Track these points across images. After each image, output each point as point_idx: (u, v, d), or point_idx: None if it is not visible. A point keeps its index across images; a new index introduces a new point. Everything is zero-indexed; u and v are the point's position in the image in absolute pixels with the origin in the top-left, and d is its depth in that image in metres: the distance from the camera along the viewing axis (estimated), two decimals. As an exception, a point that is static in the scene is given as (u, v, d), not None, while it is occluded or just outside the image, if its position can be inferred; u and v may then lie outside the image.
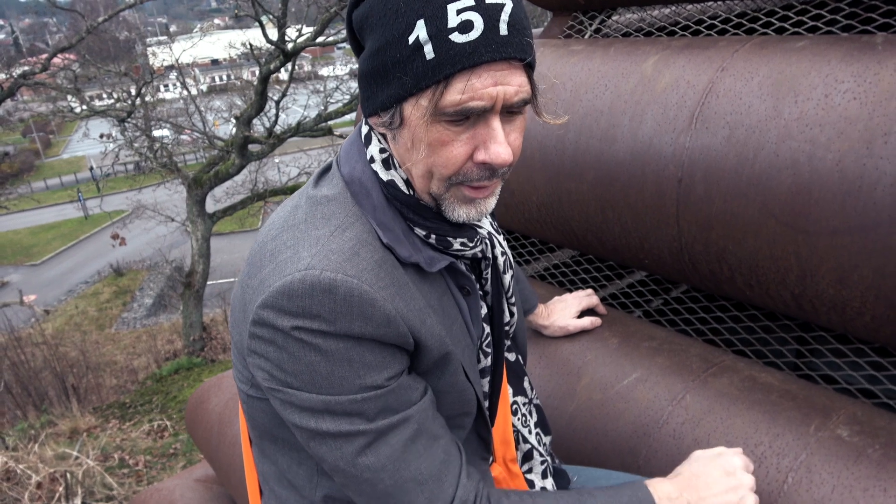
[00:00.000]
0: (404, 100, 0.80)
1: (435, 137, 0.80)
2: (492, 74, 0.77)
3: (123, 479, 5.69)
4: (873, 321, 1.14)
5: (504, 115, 0.82)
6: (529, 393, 1.16)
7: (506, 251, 1.04)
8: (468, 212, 0.87)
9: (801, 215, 1.12)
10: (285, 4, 11.28)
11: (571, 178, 1.51)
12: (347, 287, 0.79)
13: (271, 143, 12.47)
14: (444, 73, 0.76)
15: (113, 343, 16.43)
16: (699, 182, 1.26)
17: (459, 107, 0.77)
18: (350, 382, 0.81)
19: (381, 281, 0.82)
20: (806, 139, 1.12)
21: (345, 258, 0.81)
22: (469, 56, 0.75)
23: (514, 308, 1.08)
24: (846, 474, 1.04)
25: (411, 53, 0.76)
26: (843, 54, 1.16)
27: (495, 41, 0.76)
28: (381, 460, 0.84)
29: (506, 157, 0.80)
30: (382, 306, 0.81)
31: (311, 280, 0.79)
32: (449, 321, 0.92)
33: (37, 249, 27.92)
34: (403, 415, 0.85)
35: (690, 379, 1.30)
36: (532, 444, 1.13)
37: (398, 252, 0.86)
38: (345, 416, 0.83)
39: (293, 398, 0.83)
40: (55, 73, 13.97)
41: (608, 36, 1.92)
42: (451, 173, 0.83)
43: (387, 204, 0.88)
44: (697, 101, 1.29)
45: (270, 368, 0.83)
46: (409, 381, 0.87)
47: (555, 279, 1.97)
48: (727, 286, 1.35)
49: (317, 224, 0.86)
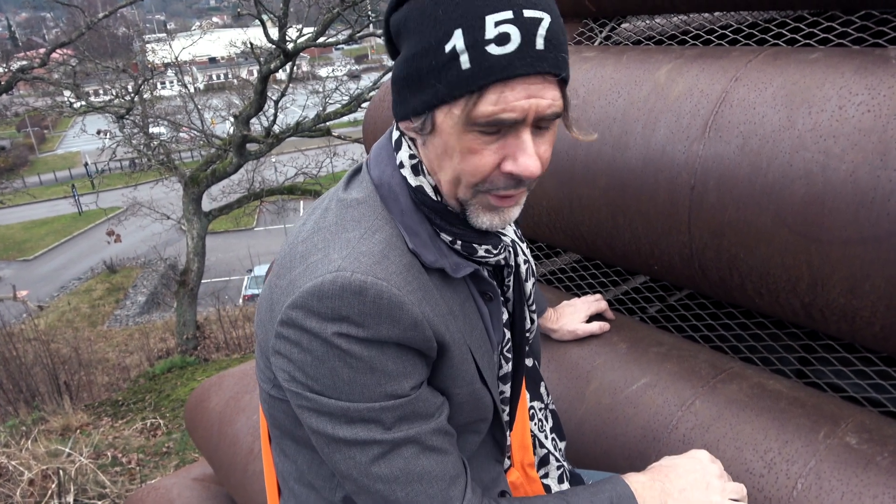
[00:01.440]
0: (437, 107, 0.81)
1: (465, 146, 0.81)
2: (525, 88, 0.77)
3: (116, 477, 5.67)
4: (883, 331, 1.15)
5: (534, 128, 0.82)
6: (545, 398, 1.17)
7: (528, 259, 1.05)
8: (492, 219, 0.88)
9: (814, 225, 1.14)
10: (287, 4, 11.28)
11: (583, 183, 1.53)
12: (377, 290, 0.80)
13: (269, 143, 12.46)
14: (478, 83, 0.76)
15: (105, 340, 16.35)
16: (712, 190, 1.27)
17: (492, 118, 0.78)
18: (371, 390, 0.82)
19: (409, 285, 0.83)
20: (820, 150, 1.13)
21: (375, 261, 0.82)
22: (504, 69, 0.76)
23: (534, 315, 1.09)
24: (855, 481, 1.05)
25: (447, 62, 0.77)
26: (856, 67, 1.17)
27: (531, 55, 0.76)
28: (394, 472, 0.84)
29: (534, 169, 0.81)
30: (410, 310, 0.82)
31: (341, 282, 0.80)
32: (469, 327, 0.93)
33: (30, 245, 27.78)
34: (419, 429, 0.85)
35: (699, 385, 1.31)
36: (548, 448, 1.14)
37: (424, 257, 0.87)
38: (362, 424, 0.83)
39: (312, 402, 0.84)
40: (53, 69, 13.92)
41: (618, 43, 1.93)
42: (478, 181, 0.84)
43: (414, 209, 0.89)
44: (711, 109, 1.30)
45: (292, 370, 0.84)
46: (427, 394, 0.88)
47: (560, 283, 1.98)
48: (737, 293, 1.36)
49: (347, 227, 0.86)
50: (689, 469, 1.00)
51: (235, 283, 22.25)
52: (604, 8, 1.83)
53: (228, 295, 18.94)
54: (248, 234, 26.58)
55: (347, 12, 11.83)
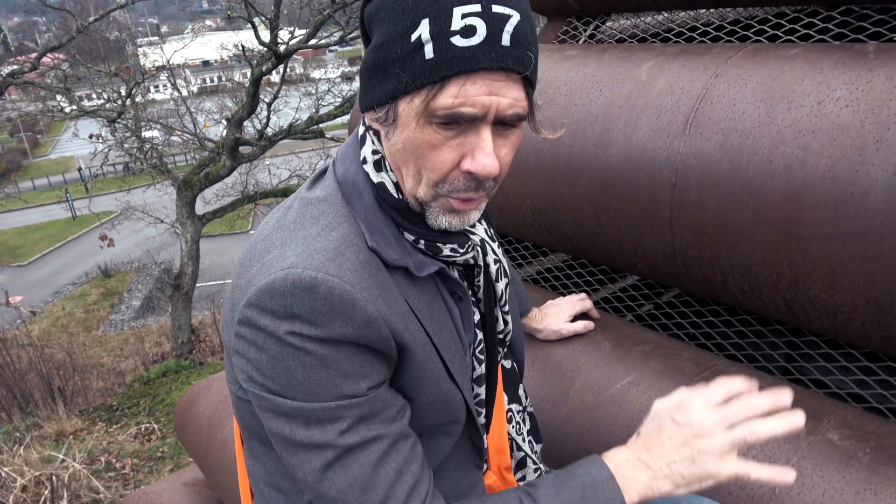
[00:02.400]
0: (400, 97, 0.80)
1: (425, 139, 0.80)
2: (488, 83, 0.77)
3: (110, 482, 5.64)
4: (864, 326, 1.15)
5: (497, 128, 0.81)
6: (524, 401, 1.16)
7: (499, 259, 1.03)
8: (451, 220, 0.87)
9: (793, 221, 1.13)
10: (278, 6, 11.27)
11: (566, 182, 1.52)
12: (328, 286, 0.79)
13: (262, 146, 12.44)
14: (441, 73, 0.76)
15: (100, 345, 16.30)
16: (693, 187, 1.27)
17: (450, 111, 0.77)
18: (326, 390, 0.80)
19: (364, 282, 0.81)
20: (799, 145, 1.13)
21: (328, 258, 0.81)
22: (467, 61, 0.75)
23: (507, 316, 1.06)
24: (837, 478, 1.05)
25: (412, 51, 0.76)
26: (835, 62, 1.17)
27: (496, 50, 0.75)
28: (349, 479, 0.82)
29: (491, 168, 0.80)
30: (363, 307, 0.80)
31: (292, 279, 0.78)
32: (438, 326, 0.91)
33: (23, 250, 27.68)
34: (377, 431, 0.83)
35: (683, 382, 1.30)
36: (525, 451, 1.13)
37: (386, 255, 0.86)
38: (317, 425, 0.81)
39: (269, 403, 0.82)
40: (45, 73, 13.87)
41: (602, 41, 1.93)
42: (438, 179, 0.82)
43: (378, 207, 0.88)
44: (692, 106, 1.30)
45: (250, 370, 0.83)
46: (387, 396, 0.85)
47: (547, 283, 1.97)
48: (720, 290, 1.36)
49: (305, 224, 0.85)
50: (675, 435, 0.87)
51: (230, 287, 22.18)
52: (587, 6, 1.83)
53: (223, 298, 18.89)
54: (242, 238, 26.51)
55: (338, 14, 11.83)
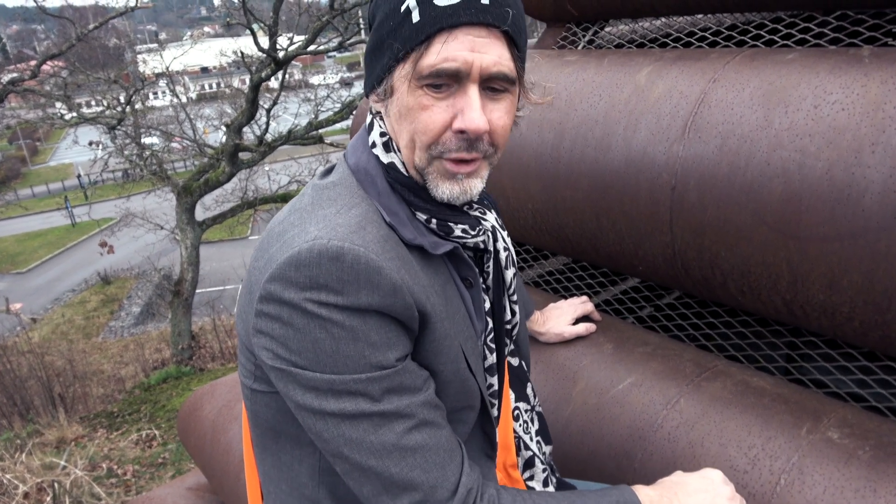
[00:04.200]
0: (394, 68, 0.84)
1: (416, 102, 0.84)
2: (470, 40, 0.81)
3: (112, 488, 5.64)
4: (862, 326, 1.16)
5: (487, 92, 0.85)
6: (532, 400, 1.17)
7: (508, 247, 1.06)
8: (451, 188, 0.88)
9: (791, 222, 1.15)
10: (277, 13, 11.30)
11: (567, 185, 1.54)
12: (355, 254, 0.80)
13: (262, 152, 12.46)
14: (425, 33, 0.80)
15: (100, 352, 16.27)
16: (692, 190, 1.28)
17: (434, 68, 0.81)
18: (355, 361, 0.81)
19: (387, 252, 0.83)
20: (796, 148, 1.15)
21: (352, 230, 0.83)
22: (448, 17, 0.80)
23: (515, 307, 1.08)
24: (837, 476, 1.06)
25: (402, 20, 0.82)
26: (831, 66, 1.19)
27: (475, 6, 0.80)
28: (386, 446, 0.83)
29: (479, 124, 0.83)
30: (389, 275, 0.81)
31: (318, 248, 0.80)
32: (452, 309, 0.92)
33: (23, 257, 27.66)
34: (409, 401, 0.84)
35: (684, 383, 1.32)
36: (533, 451, 1.13)
37: (402, 233, 0.87)
38: (349, 396, 0.81)
39: (298, 377, 0.82)
40: (44, 80, 13.90)
41: (601, 47, 1.95)
42: (430, 140, 0.85)
43: (391, 190, 0.91)
44: (690, 110, 1.32)
45: (275, 347, 0.83)
46: (413, 367, 0.87)
47: (549, 286, 1.99)
48: (720, 292, 1.37)
49: (323, 205, 0.87)
50: (700, 488, 0.97)
51: (230, 293, 22.18)
52: (585, 12, 1.85)
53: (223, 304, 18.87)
54: (242, 243, 26.52)
55: (337, 20, 11.87)
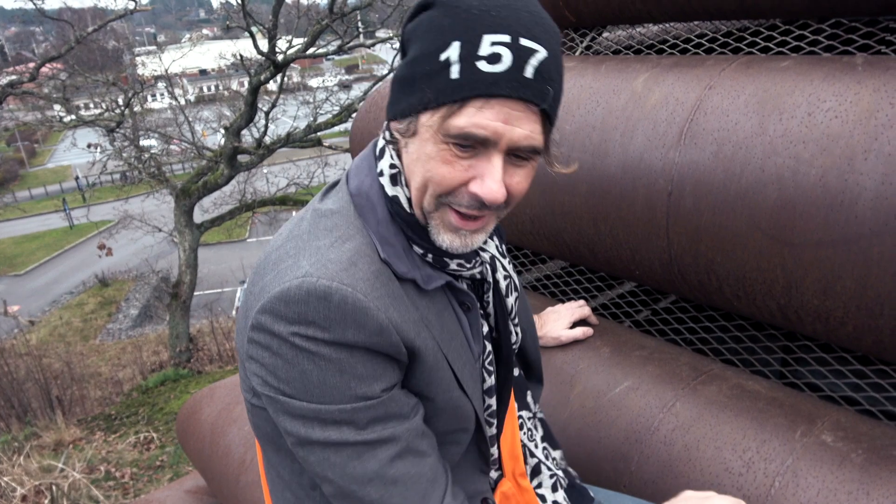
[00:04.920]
0: (422, 111, 0.83)
1: (437, 154, 0.83)
2: (505, 112, 0.79)
3: (109, 491, 5.64)
4: (856, 331, 1.18)
5: (511, 158, 0.84)
6: (532, 407, 1.18)
7: (510, 275, 1.06)
8: (452, 240, 0.89)
9: (786, 228, 1.17)
10: (276, 16, 11.32)
11: (564, 191, 1.55)
12: (342, 295, 0.82)
13: (260, 154, 12.47)
14: (462, 94, 0.79)
15: (98, 354, 16.26)
16: (688, 195, 1.30)
17: (463, 131, 0.80)
18: (341, 392, 0.83)
19: (375, 291, 0.84)
20: (790, 155, 1.16)
21: (342, 268, 0.84)
22: (489, 85, 0.78)
23: (517, 329, 1.10)
24: (831, 478, 1.07)
25: (440, 70, 0.80)
26: (825, 74, 1.20)
27: (517, 80, 0.78)
28: (368, 473, 0.85)
29: (497, 195, 0.83)
30: (375, 315, 0.83)
31: (307, 287, 0.82)
32: (448, 336, 0.94)
33: (21, 259, 27.63)
34: (393, 430, 0.86)
35: (680, 387, 1.33)
36: (539, 458, 1.14)
37: (396, 267, 0.88)
38: (334, 426, 0.84)
39: (285, 406, 0.85)
40: (43, 83, 13.90)
41: (599, 53, 1.97)
42: (442, 191, 0.85)
43: (390, 219, 0.91)
44: (686, 117, 1.33)
45: (265, 374, 0.86)
46: (400, 396, 0.89)
47: (546, 290, 2.00)
48: (715, 296, 1.39)
49: (319, 235, 0.88)
50: None
51: (228, 295, 22.18)
52: (583, 18, 1.87)
53: (221, 307, 18.87)
54: (240, 246, 26.53)
55: (336, 23, 11.89)
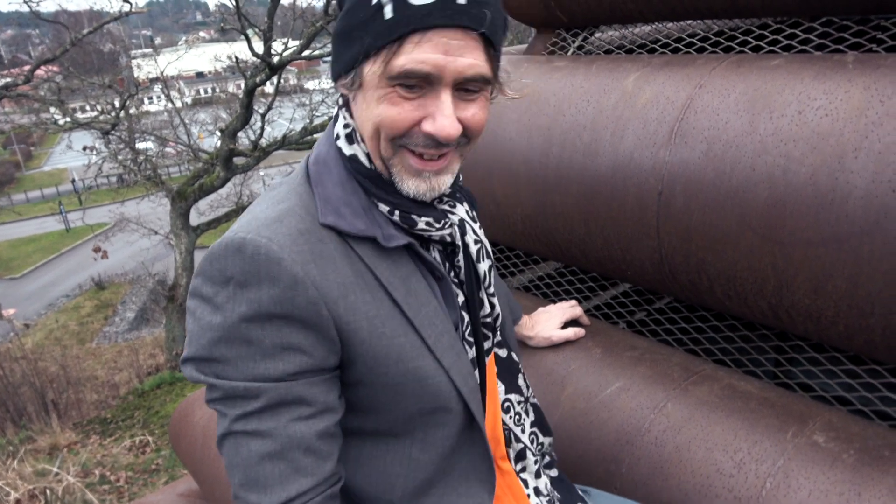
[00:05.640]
0: (364, 61, 0.82)
1: (385, 98, 0.82)
2: (444, 43, 0.78)
3: (104, 495, 5.61)
4: (847, 330, 1.17)
5: (461, 92, 0.83)
6: (525, 391, 1.14)
7: (481, 239, 1.02)
8: (417, 185, 0.87)
9: (776, 227, 1.16)
10: (271, 18, 11.32)
11: (556, 191, 1.54)
12: (255, 245, 0.81)
13: (256, 156, 12.45)
14: (398, 32, 0.77)
15: (94, 357, 16.20)
16: (679, 195, 1.29)
17: (404, 69, 0.78)
18: (242, 369, 0.82)
19: (296, 246, 0.83)
20: (781, 154, 1.16)
21: (264, 223, 0.83)
22: (422, 18, 0.76)
23: (493, 299, 1.04)
24: (822, 479, 1.07)
25: (373, 13, 0.79)
26: (815, 73, 1.20)
27: (451, 8, 0.77)
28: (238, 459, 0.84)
29: (450, 130, 0.81)
30: (289, 267, 0.81)
31: (226, 242, 0.82)
32: (417, 302, 0.90)
33: (17, 262, 27.54)
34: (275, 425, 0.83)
35: (672, 388, 1.33)
36: (525, 443, 1.11)
37: (349, 226, 0.86)
38: (229, 401, 0.83)
39: (199, 367, 0.85)
40: (38, 85, 13.87)
41: (590, 52, 1.96)
42: (395, 135, 0.84)
43: (347, 178, 0.90)
44: (676, 116, 1.33)
45: (189, 341, 0.85)
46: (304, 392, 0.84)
47: (539, 291, 1.99)
48: (707, 296, 1.38)
49: (260, 202, 0.90)
50: None
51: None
52: (575, 18, 1.86)
53: (218, 309, 18.78)
54: (237, 248, 26.44)
55: (331, 25, 11.88)
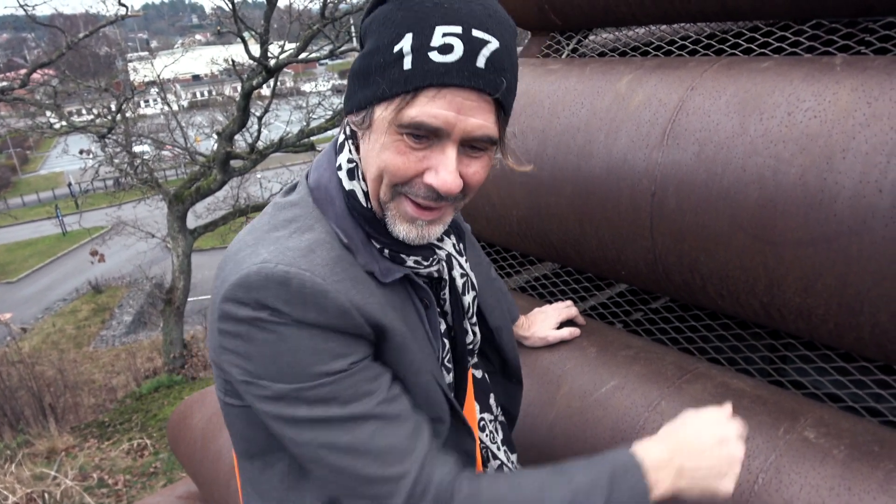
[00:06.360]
0: (377, 103, 0.84)
1: (392, 145, 0.83)
2: (458, 102, 0.80)
3: (102, 498, 5.61)
4: (837, 328, 1.19)
5: (467, 149, 0.85)
6: (494, 409, 1.18)
7: (466, 273, 1.06)
8: (409, 231, 0.89)
9: (767, 227, 1.18)
10: (268, 21, 11.34)
11: (550, 192, 1.56)
12: (300, 279, 0.82)
13: (253, 159, 12.46)
14: (414, 84, 0.80)
15: (91, 361, 16.17)
16: (671, 196, 1.31)
17: (415, 120, 0.80)
18: (316, 368, 0.83)
19: (335, 275, 0.84)
20: (771, 155, 1.17)
21: (300, 254, 0.84)
22: (440, 75, 0.79)
23: (475, 328, 1.09)
24: (813, 474, 1.08)
25: (393, 61, 0.81)
26: (804, 74, 1.22)
27: (469, 70, 0.79)
28: (356, 444, 0.85)
29: (451, 186, 0.83)
30: (335, 298, 0.83)
31: (265, 272, 0.82)
32: (411, 328, 0.94)
33: (13, 266, 27.47)
34: (373, 403, 0.85)
35: (666, 386, 1.34)
36: (501, 459, 1.15)
37: (356, 257, 0.89)
38: (319, 403, 0.84)
39: (266, 389, 0.85)
40: (34, 89, 13.86)
41: (584, 55, 1.98)
42: (397, 182, 0.86)
43: (347, 213, 0.91)
44: (669, 118, 1.35)
45: (241, 362, 0.85)
46: (375, 367, 0.88)
47: (535, 291, 2.01)
48: (700, 296, 1.40)
49: (278, 226, 0.89)
50: (712, 450, 0.94)
51: (218, 299, 22.06)
52: (569, 21, 1.88)
53: (215, 312, 18.77)
54: (234, 251, 26.43)
55: (328, 28, 11.91)
